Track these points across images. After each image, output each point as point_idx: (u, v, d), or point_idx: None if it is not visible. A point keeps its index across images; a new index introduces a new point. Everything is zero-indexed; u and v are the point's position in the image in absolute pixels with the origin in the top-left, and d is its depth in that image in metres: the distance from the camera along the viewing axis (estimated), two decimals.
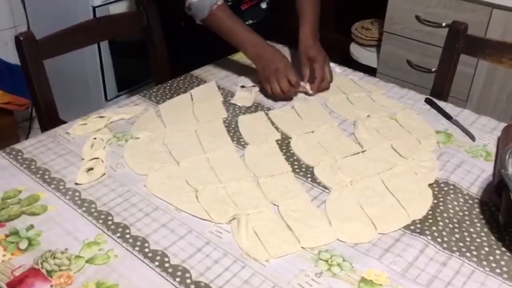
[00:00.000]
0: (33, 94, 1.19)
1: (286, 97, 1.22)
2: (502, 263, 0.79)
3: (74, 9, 2.04)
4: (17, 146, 1.03)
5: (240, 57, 1.42)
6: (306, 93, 1.26)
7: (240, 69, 1.37)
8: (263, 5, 1.53)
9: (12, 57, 1.17)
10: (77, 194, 0.91)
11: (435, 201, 0.91)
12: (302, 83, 1.26)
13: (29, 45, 1.14)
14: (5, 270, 0.75)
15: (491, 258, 0.80)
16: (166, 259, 0.78)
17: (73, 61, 2.13)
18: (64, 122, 1.13)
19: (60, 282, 0.74)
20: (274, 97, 1.23)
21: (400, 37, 1.97)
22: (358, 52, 2.24)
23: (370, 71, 2.03)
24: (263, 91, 1.26)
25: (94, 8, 2.00)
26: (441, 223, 0.86)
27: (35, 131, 2.26)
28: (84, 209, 0.87)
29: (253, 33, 1.27)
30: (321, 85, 1.26)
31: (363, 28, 2.26)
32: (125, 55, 2.21)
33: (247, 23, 1.33)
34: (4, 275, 0.74)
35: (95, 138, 1.04)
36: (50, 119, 1.20)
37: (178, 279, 0.75)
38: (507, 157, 0.85)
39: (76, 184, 0.93)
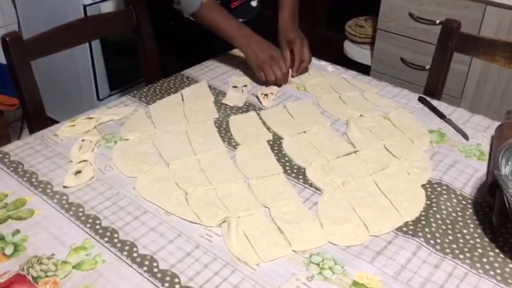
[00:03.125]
0: (20, 95, 1.17)
1: (279, 83, 1.25)
2: (496, 265, 0.78)
3: (65, 8, 2.02)
4: (4, 148, 1.01)
5: (231, 56, 1.41)
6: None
7: (231, 69, 1.35)
8: (254, 3, 1.52)
9: (2, 57, 1.15)
10: (64, 197, 0.89)
11: (428, 202, 0.90)
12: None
13: (15, 45, 1.12)
14: None
15: (485, 260, 0.79)
16: (155, 264, 0.76)
17: (65, 61, 2.11)
18: (55, 122, 1.11)
19: None
20: (266, 83, 1.25)
21: (394, 34, 1.96)
22: (351, 49, 2.23)
23: (364, 68, 2.03)
24: (255, 80, 1.26)
25: (85, 6, 1.98)
26: (434, 225, 0.85)
27: (27, 131, 2.24)
28: (71, 213, 0.86)
29: (241, 25, 1.29)
30: (302, 65, 1.31)
31: (356, 26, 2.25)
32: (117, 54, 2.19)
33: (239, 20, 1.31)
34: None
35: (83, 140, 1.03)
36: (38, 120, 1.18)
37: (166, 284, 0.73)
38: (500, 157, 0.84)
39: (64, 187, 0.91)
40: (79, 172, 0.94)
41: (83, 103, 2.19)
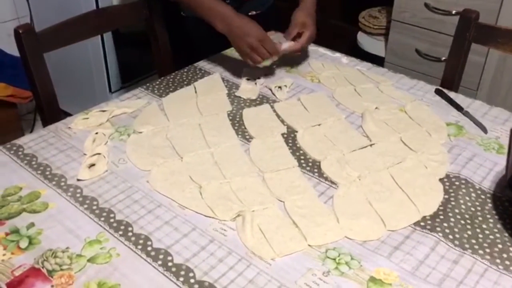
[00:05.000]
0: (33, 88, 1.17)
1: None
2: None
3: (77, 0, 2.02)
4: (18, 141, 1.01)
5: None
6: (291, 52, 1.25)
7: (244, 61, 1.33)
8: None
9: (15, 49, 1.14)
10: (78, 191, 0.89)
11: (446, 196, 0.89)
12: (284, 45, 1.23)
13: (28, 38, 1.12)
14: (5, 270, 0.74)
15: (505, 255, 0.78)
16: (169, 258, 0.76)
17: (77, 53, 2.11)
18: (67, 114, 1.10)
19: (61, 282, 0.72)
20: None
21: (409, 25, 1.93)
22: (365, 41, 2.20)
23: (377, 60, 2.00)
24: (268, 84, 1.24)
25: None
26: (452, 219, 0.84)
27: (40, 123, 2.25)
28: (85, 206, 0.85)
29: (222, 4, 1.21)
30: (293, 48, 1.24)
31: (370, 17, 2.21)
32: (129, 46, 2.18)
33: (250, 14, 1.28)
34: (4, 275, 0.73)
35: (97, 133, 1.02)
36: (51, 113, 1.18)
37: (181, 279, 0.73)
38: None
39: (78, 180, 0.91)
40: (93, 165, 0.94)
41: (95, 95, 2.19)
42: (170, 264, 0.75)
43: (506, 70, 1.74)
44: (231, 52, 1.38)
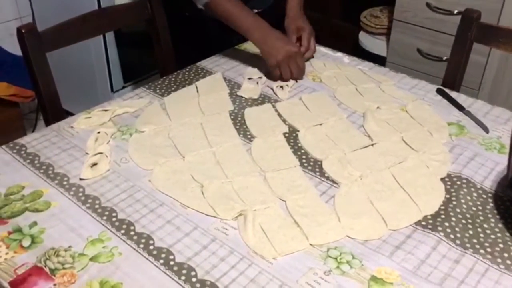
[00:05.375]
0: (36, 87, 1.17)
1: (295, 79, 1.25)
2: None
3: (79, 0, 2.02)
4: (21, 140, 1.01)
5: (246, 47, 1.40)
6: None
7: (246, 60, 1.34)
8: None
9: (18, 49, 1.15)
10: (81, 190, 0.89)
11: (448, 196, 0.89)
12: None
13: (31, 37, 1.12)
14: (7, 269, 0.74)
15: (506, 255, 0.78)
16: (171, 257, 0.76)
17: (79, 53, 2.11)
18: (69, 114, 1.11)
19: (64, 280, 0.73)
20: (281, 80, 1.24)
21: (410, 25, 1.93)
22: (367, 40, 2.20)
23: (379, 60, 2.00)
24: (269, 77, 1.24)
25: None
26: (453, 219, 0.84)
27: (42, 123, 2.26)
28: (88, 205, 0.86)
29: (257, 17, 1.25)
30: (306, 54, 1.31)
31: (372, 16, 2.21)
32: (131, 46, 2.19)
33: (253, 11, 1.29)
34: (6, 274, 0.73)
35: (99, 132, 1.03)
36: (54, 112, 1.18)
37: (183, 278, 0.73)
38: None
39: (80, 179, 0.91)
40: (95, 164, 0.94)
41: (97, 94, 2.20)
42: (172, 263, 0.75)
43: (508, 69, 1.74)
44: (233, 51, 1.38)
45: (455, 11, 1.76)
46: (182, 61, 1.38)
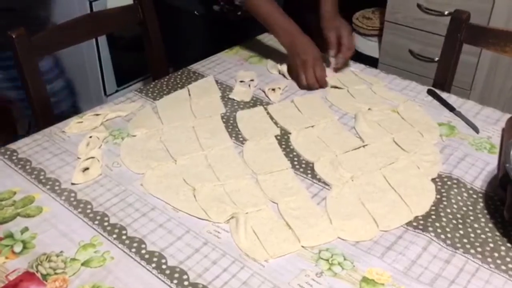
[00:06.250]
0: (27, 92, 1.17)
1: (320, 86, 1.23)
2: (508, 259, 0.77)
3: (71, 4, 2.02)
4: (12, 146, 1.01)
5: (238, 50, 1.40)
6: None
7: (238, 63, 1.34)
8: None
9: None
10: (72, 194, 0.89)
11: (438, 196, 0.89)
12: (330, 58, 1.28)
13: (21, 42, 1.12)
14: None
15: (496, 254, 0.78)
16: (163, 261, 0.76)
17: (71, 57, 2.11)
18: (62, 118, 1.11)
19: (56, 286, 0.72)
20: (306, 87, 1.23)
21: (402, 26, 1.94)
22: (359, 42, 2.21)
23: (371, 61, 2.01)
24: (262, 86, 1.24)
25: (91, 2, 1.97)
26: (444, 219, 0.84)
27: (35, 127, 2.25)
28: (79, 210, 0.86)
29: (287, 19, 1.27)
30: (347, 53, 1.29)
31: (364, 18, 2.22)
32: (123, 49, 2.19)
33: None
34: None
35: (91, 137, 1.03)
36: (45, 117, 1.18)
37: (175, 281, 0.73)
38: (511, 150, 0.82)
39: (72, 184, 0.91)
40: (87, 169, 0.94)
41: (91, 98, 2.19)
42: (164, 266, 0.75)
43: (498, 70, 1.75)
44: (225, 54, 1.38)
45: (446, 12, 1.77)
46: (174, 65, 1.38)
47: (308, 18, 1.37)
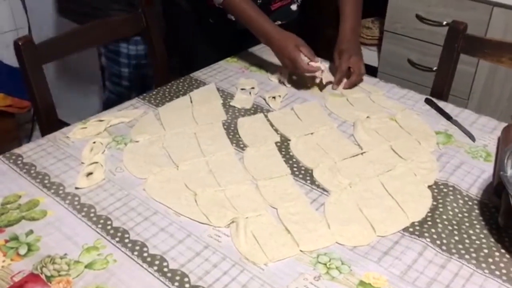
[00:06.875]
0: (32, 98, 1.19)
1: (315, 69, 1.24)
2: (502, 265, 0.79)
3: None
4: (17, 150, 1.03)
5: (239, 59, 1.43)
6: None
7: (239, 71, 1.37)
8: (294, 7, 1.53)
9: (14, 60, 1.17)
10: (76, 198, 0.91)
11: (435, 203, 0.91)
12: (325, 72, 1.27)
13: (28, 49, 1.14)
14: (4, 276, 0.76)
15: (490, 260, 0.80)
16: (165, 264, 0.78)
17: (74, 64, 2.13)
18: (66, 124, 1.13)
19: (60, 287, 0.74)
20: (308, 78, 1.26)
21: (401, 36, 1.96)
22: None
23: (371, 70, 2.03)
24: (263, 93, 1.27)
25: None
26: (440, 225, 0.86)
27: (38, 133, 2.27)
28: (83, 213, 0.87)
29: (265, 21, 1.28)
30: (352, 79, 1.27)
31: (363, 27, 2.25)
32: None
33: (276, 23, 1.33)
34: (3, 281, 0.75)
35: (94, 142, 1.05)
36: (50, 123, 1.20)
37: (176, 284, 0.75)
38: (506, 158, 0.84)
39: (76, 188, 0.93)
40: (90, 173, 0.96)
41: (93, 105, 2.21)
42: (165, 269, 0.77)
43: (496, 80, 1.78)
44: (226, 63, 1.41)
45: (444, 23, 1.80)
46: (177, 72, 1.41)
47: (328, 33, 1.37)
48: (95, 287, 0.74)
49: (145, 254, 0.80)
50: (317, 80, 1.26)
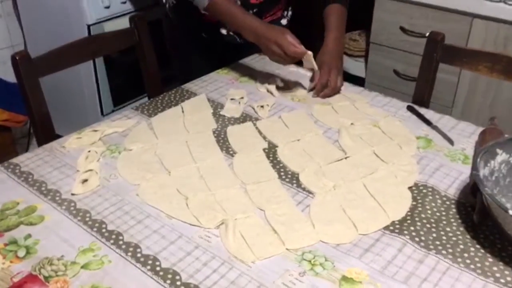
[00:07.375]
0: (29, 111, 1.23)
1: (302, 51, 1.27)
2: (476, 259, 0.84)
3: (69, 28, 2.10)
4: (15, 160, 1.07)
5: (229, 71, 1.48)
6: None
7: (229, 82, 1.42)
8: (284, 22, 1.59)
9: (10, 76, 1.22)
10: (72, 204, 0.95)
11: (414, 203, 0.96)
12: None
13: (24, 64, 1.19)
14: (4, 277, 0.79)
15: (466, 255, 0.84)
16: (158, 263, 0.82)
17: (70, 78, 2.18)
18: (61, 137, 1.17)
19: (57, 287, 0.78)
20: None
21: (386, 47, 2.03)
22: (346, 62, 2.30)
23: (359, 81, 2.09)
24: (251, 103, 1.32)
25: (88, 26, 2.06)
26: (419, 223, 0.91)
27: (34, 147, 2.30)
28: (79, 218, 0.91)
29: (250, 18, 1.32)
30: (326, 91, 1.33)
31: (350, 40, 2.32)
32: (120, 70, 2.26)
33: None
34: (3, 282, 0.79)
35: (89, 151, 1.09)
36: (47, 135, 1.24)
37: (168, 281, 0.79)
38: (479, 159, 0.89)
39: (72, 194, 0.97)
40: (86, 180, 1.00)
41: (88, 118, 2.26)
42: (158, 268, 0.81)
43: (478, 88, 1.84)
44: (216, 74, 1.46)
45: (427, 34, 1.86)
46: (169, 84, 1.46)
47: (317, 47, 1.39)
48: (91, 286, 0.78)
49: (139, 255, 0.84)
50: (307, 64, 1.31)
